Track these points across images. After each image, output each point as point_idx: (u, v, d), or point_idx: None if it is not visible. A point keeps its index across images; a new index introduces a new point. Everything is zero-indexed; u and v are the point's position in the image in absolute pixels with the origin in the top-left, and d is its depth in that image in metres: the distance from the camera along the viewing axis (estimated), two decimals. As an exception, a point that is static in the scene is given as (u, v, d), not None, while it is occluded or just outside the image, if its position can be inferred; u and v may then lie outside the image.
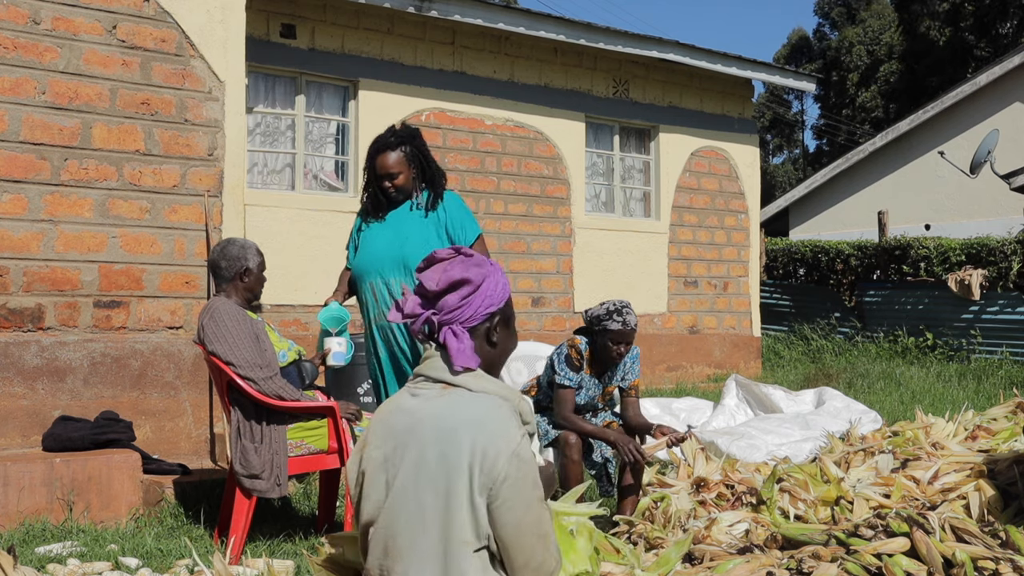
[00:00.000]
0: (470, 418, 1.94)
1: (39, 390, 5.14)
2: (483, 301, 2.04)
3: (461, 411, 1.95)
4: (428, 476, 1.93)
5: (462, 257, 2.09)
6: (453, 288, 2.03)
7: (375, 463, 2.02)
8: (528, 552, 1.94)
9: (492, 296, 2.05)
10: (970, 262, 11.14)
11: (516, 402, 2.02)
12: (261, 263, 4.21)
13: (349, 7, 7.80)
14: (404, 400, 2.06)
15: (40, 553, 3.97)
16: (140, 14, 5.49)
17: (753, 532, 3.72)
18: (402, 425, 2.01)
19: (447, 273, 2.04)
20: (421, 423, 1.97)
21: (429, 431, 1.95)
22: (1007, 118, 15.01)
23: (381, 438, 2.04)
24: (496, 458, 1.89)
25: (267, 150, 7.74)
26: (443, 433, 1.93)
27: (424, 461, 1.94)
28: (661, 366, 9.77)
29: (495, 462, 1.89)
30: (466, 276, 2.03)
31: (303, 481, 5.06)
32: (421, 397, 2.02)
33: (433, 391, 2.01)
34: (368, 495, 2.02)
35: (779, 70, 11.30)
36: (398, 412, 2.04)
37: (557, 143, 9.17)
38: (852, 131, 33.66)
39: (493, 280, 2.07)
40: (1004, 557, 3.11)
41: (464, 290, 2.03)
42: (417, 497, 1.94)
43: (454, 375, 2.01)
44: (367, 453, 2.05)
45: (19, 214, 5.13)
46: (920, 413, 5.59)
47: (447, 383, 2.00)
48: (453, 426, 1.93)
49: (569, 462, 4.07)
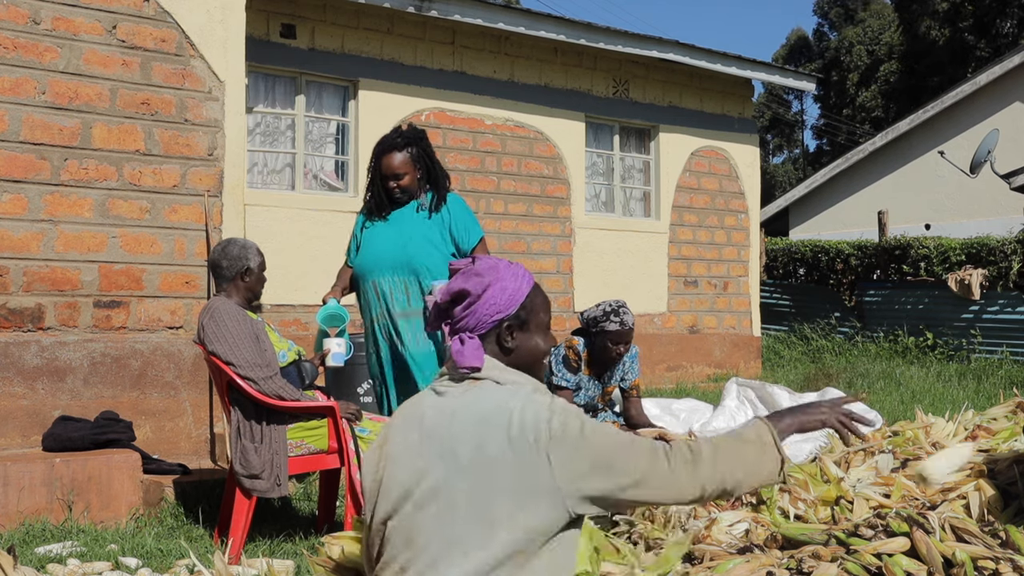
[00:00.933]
0: (502, 407, 1.94)
1: (39, 390, 5.14)
2: (487, 310, 2.05)
3: (493, 401, 1.97)
4: (462, 470, 1.91)
5: (468, 268, 2.13)
6: (455, 301, 2.08)
7: (397, 459, 2.01)
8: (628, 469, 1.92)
9: (496, 304, 2.06)
10: (970, 262, 11.14)
11: (544, 391, 2.05)
12: (262, 263, 4.21)
13: (349, 7, 7.80)
14: (429, 397, 2.07)
15: (40, 553, 3.97)
16: (140, 14, 5.49)
17: (753, 532, 3.72)
18: (430, 420, 2.00)
19: (449, 286, 2.09)
20: (453, 416, 1.97)
21: (461, 424, 1.95)
22: (1007, 118, 15.01)
23: (404, 433, 2.03)
24: (537, 428, 1.90)
25: (267, 150, 7.74)
26: (478, 426, 1.93)
27: (457, 454, 1.92)
28: (661, 366, 9.77)
29: (537, 432, 1.90)
30: (464, 288, 2.06)
31: (303, 481, 5.06)
32: (447, 395, 2.03)
33: (460, 388, 2.03)
34: (389, 489, 2.01)
35: (779, 70, 11.31)
36: (424, 408, 2.04)
37: (557, 143, 9.17)
38: (852, 131, 33.67)
39: (498, 288, 2.07)
40: (1004, 557, 3.11)
41: (465, 301, 2.07)
42: (449, 492, 1.92)
43: (465, 373, 2.03)
44: (387, 450, 2.05)
45: (19, 214, 5.13)
46: (920, 413, 5.58)
47: (475, 379, 2.03)
48: (487, 417, 1.94)
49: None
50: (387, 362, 4.26)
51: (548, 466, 1.88)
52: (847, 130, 34.28)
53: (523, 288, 2.11)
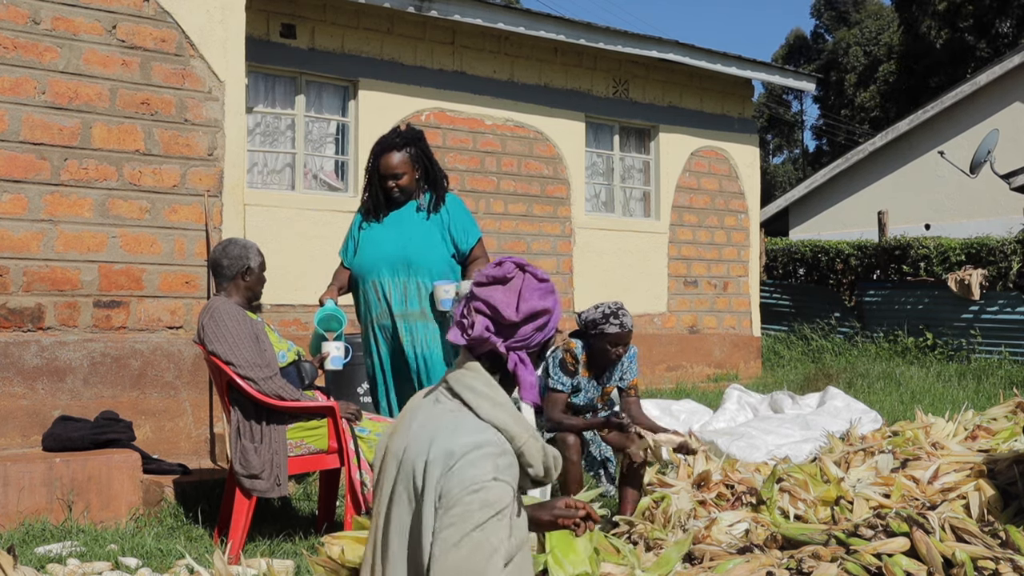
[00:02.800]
0: (454, 449, 1.87)
1: (39, 390, 5.14)
2: (551, 328, 1.99)
3: (453, 438, 1.90)
4: (409, 486, 1.92)
5: (534, 281, 1.99)
6: (532, 318, 1.95)
7: (389, 454, 2.02)
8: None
9: (557, 322, 2.00)
10: (970, 262, 11.14)
11: (521, 443, 1.94)
12: (262, 263, 4.21)
13: (349, 7, 7.80)
14: (427, 403, 2.03)
15: (40, 553, 3.97)
16: (140, 14, 5.49)
17: (753, 532, 3.72)
18: (415, 428, 2.00)
19: (527, 303, 1.95)
20: (422, 430, 1.96)
21: (422, 444, 1.93)
22: (1007, 118, 15.01)
23: (400, 433, 2.03)
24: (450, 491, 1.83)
25: (267, 150, 7.74)
26: (430, 450, 1.90)
27: (412, 471, 1.92)
28: (661, 366, 9.77)
29: (449, 492, 1.83)
30: (546, 306, 1.96)
31: (303, 481, 5.05)
32: (440, 406, 1.99)
33: (451, 404, 1.97)
34: (379, 485, 2.03)
35: (779, 70, 11.31)
36: (419, 414, 2.02)
37: (557, 143, 9.17)
38: (852, 131, 33.67)
39: (560, 305, 2.02)
40: (1004, 557, 3.11)
41: (541, 320, 1.96)
42: (399, 503, 1.93)
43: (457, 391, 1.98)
44: (387, 444, 2.06)
45: (19, 214, 5.13)
46: (920, 413, 5.59)
47: (463, 402, 1.96)
48: (436, 453, 1.88)
49: (568, 463, 4.07)
50: (386, 361, 4.26)
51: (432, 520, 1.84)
52: (846, 130, 34.28)
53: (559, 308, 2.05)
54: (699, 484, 4.31)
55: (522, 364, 1.95)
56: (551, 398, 4.17)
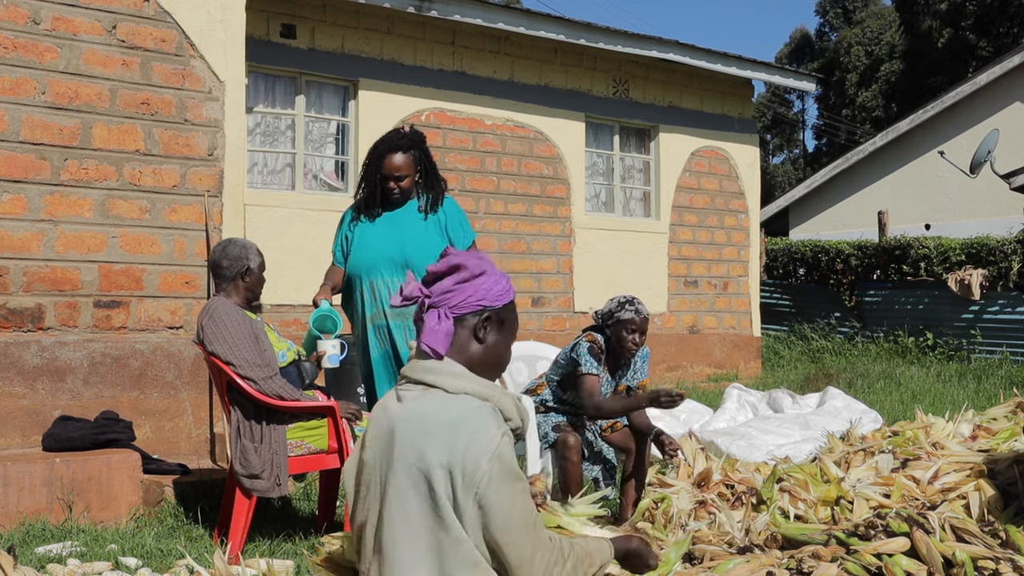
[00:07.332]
0: (447, 421, 1.93)
1: (39, 390, 5.14)
2: (475, 291, 2.04)
3: (438, 413, 1.95)
4: (411, 479, 1.93)
5: (467, 251, 2.14)
6: (450, 271, 2.06)
7: (366, 465, 2.04)
8: (520, 547, 1.93)
9: (487, 292, 2.05)
10: (970, 262, 11.14)
11: (496, 400, 2.01)
12: (261, 263, 4.21)
13: (349, 7, 7.80)
14: (390, 402, 2.07)
15: (40, 553, 3.97)
16: (140, 14, 5.49)
17: (753, 532, 3.72)
18: (386, 427, 2.02)
19: (449, 258, 2.08)
20: (401, 424, 1.98)
21: (407, 434, 1.96)
22: (1007, 118, 15.01)
23: (372, 440, 2.05)
24: (477, 461, 1.88)
25: (267, 150, 7.74)
26: (420, 436, 1.93)
27: (406, 464, 1.94)
28: (661, 366, 9.77)
29: (477, 465, 1.88)
30: (464, 263, 2.05)
31: (303, 481, 5.05)
32: (404, 400, 2.03)
33: (414, 392, 2.02)
34: (362, 496, 2.03)
35: (779, 70, 11.31)
36: (385, 414, 2.05)
37: (557, 143, 9.17)
38: (852, 131, 33.67)
39: (492, 279, 2.07)
40: (1004, 557, 3.11)
41: (459, 275, 2.04)
42: (402, 499, 1.94)
43: (418, 378, 2.01)
44: (362, 455, 2.07)
45: (19, 214, 5.13)
46: (920, 413, 5.59)
47: (427, 384, 2.01)
48: (429, 429, 1.93)
49: (569, 464, 4.07)
50: (377, 361, 4.25)
51: (465, 500, 1.89)
52: (847, 130, 34.28)
53: (511, 292, 2.12)
54: (699, 484, 4.31)
55: (435, 318, 2.02)
56: (587, 382, 4.11)
